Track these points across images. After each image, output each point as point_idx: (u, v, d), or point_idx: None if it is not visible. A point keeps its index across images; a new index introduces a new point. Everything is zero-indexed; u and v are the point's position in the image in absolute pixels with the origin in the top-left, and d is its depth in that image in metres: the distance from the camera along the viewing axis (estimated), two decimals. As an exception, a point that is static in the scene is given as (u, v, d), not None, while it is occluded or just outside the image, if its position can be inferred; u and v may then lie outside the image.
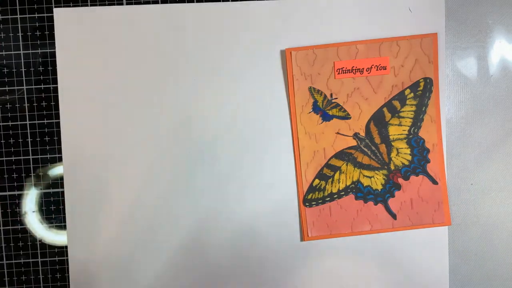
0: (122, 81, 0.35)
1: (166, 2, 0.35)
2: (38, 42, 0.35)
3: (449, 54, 0.36)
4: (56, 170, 0.36)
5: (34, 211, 0.36)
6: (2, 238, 0.36)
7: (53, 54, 0.35)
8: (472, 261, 0.36)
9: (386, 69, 0.35)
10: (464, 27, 0.36)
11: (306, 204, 0.35)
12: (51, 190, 0.36)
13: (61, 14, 0.34)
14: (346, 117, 0.35)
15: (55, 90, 0.35)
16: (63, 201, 0.35)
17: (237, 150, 0.35)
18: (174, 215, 0.35)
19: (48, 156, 0.35)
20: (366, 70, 0.35)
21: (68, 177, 0.35)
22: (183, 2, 0.35)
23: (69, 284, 0.36)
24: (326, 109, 0.34)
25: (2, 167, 0.36)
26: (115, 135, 0.35)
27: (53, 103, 0.35)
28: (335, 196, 0.35)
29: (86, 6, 0.35)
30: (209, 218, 0.35)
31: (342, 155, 0.35)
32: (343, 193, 0.35)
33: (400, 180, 0.36)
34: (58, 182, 0.35)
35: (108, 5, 0.35)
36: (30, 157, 0.35)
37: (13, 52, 0.35)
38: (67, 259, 0.36)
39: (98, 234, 0.35)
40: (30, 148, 0.35)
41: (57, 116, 0.35)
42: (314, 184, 0.35)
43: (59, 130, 0.35)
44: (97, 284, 0.35)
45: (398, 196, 0.35)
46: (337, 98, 0.35)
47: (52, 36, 0.35)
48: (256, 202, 0.35)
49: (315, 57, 0.34)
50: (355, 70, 0.35)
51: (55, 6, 0.35)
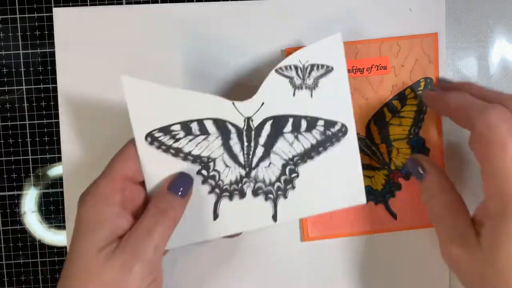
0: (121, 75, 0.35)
1: (165, 2, 0.35)
2: (38, 42, 0.35)
3: (449, 54, 0.36)
4: (55, 170, 0.35)
5: (33, 211, 0.36)
6: (1, 238, 0.36)
7: (52, 54, 0.35)
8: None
9: (386, 69, 0.35)
10: (464, 27, 0.36)
11: None
12: (51, 190, 0.36)
13: (60, 14, 0.34)
14: None
15: (55, 90, 0.35)
16: (63, 201, 0.35)
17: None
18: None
19: (47, 156, 0.35)
20: (366, 70, 0.35)
21: (67, 177, 0.35)
22: (183, 1, 0.35)
23: (68, 284, 0.36)
24: None
25: (2, 167, 0.35)
26: (115, 135, 0.35)
27: (52, 103, 0.35)
28: None
29: (86, 5, 0.35)
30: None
31: None
32: None
33: (400, 180, 0.35)
34: (58, 182, 0.35)
35: (107, 4, 0.35)
36: (30, 157, 0.35)
37: (12, 52, 0.35)
38: (67, 259, 0.36)
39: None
40: (29, 148, 0.35)
41: (56, 116, 0.35)
42: None
43: (59, 130, 0.35)
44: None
45: (398, 196, 0.35)
46: None
47: (51, 36, 0.35)
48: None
49: None
50: (355, 70, 0.35)
51: (55, 6, 0.35)
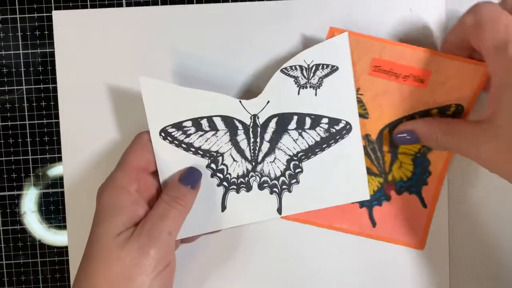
0: (121, 82, 0.35)
1: (166, 3, 0.35)
2: (38, 42, 0.35)
3: (450, 55, 0.36)
4: (55, 170, 0.36)
5: (33, 211, 0.36)
6: (1, 238, 0.36)
7: (52, 54, 0.35)
8: (472, 261, 0.36)
9: (423, 82, 0.33)
10: (465, 28, 0.36)
11: None
12: (51, 190, 0.36)
13: (60, 16, 0.34)
14: (364, 116, 0.34)
15: (55, 90, 0.35)
16: (63, 201, 0.35)
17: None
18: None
19: (47, 156, 0.35)
20: (403, 78, 0.33)
21: (68, 177, 0.35)
22: (183, 3, 0.35)
23: (69, 284, 0.36)
24: None
25: (2, 167, 0.35)
26: (115, 135, 0.35)
27: (52, 103, 0.35)
28: None
29: (86, 7, 0.35)
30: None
31: None
32: None
33: (392, 192, 0.35)
34: (58, 182, 0.35)
35: (107, 5, 0.35)
36: (30, 157, 0.35)
37: (12, 52, 0.35)
38: (67, 259, 0.36)
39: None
40: (29, 148, 0.35)
41: (56, 116, 0.35)
42: None
43: (59, 130, 0.35)
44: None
45: (384, 206, 0.35)
46: (362, 95, 0.34)
47: (51, 36, 0.35)
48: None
49: (357, 45, 0.32)
50: (392, 73, 0.33)
51: (55, 8, 0.35)
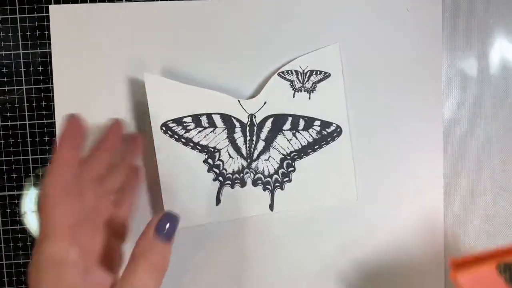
0: (120, 80, 0.35)
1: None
2: (37, 42, 0.35)
3: (449, 54, 0.36)
4: (55, 170, 0.35)
5: (33, 211, 0.36)
6: (1, 238, 0.36)
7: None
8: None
9: None
10: (464, 27, 0.36)
11: None
12: (51, 190, 0.36)
13: (57, 11, 0.34)
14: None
15: (55, 90, 0.35)
16: (63, 201, 0.35)
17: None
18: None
19: (47, 156, 0.35)
20: None
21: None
22: None
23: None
24: None
25: (2, 167, 0.35)
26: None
27: (52, 103, 0.35)
28: None
29: (85, 3, 0.35)
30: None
31: None
32: None
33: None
34: (58, 182, 0.35)
35: (108, 1, 0.35)
36: (30, 157, 0.35)
37: (12, 52, 0.35)
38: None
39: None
40: (29, 148, 0.35)
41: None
42: None
43: (59, 130, 0.35)
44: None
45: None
46: None
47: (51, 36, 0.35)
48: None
49: None
50: None
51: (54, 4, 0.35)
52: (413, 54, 0.35)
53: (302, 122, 0.35)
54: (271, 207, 0.35)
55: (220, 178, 0.34)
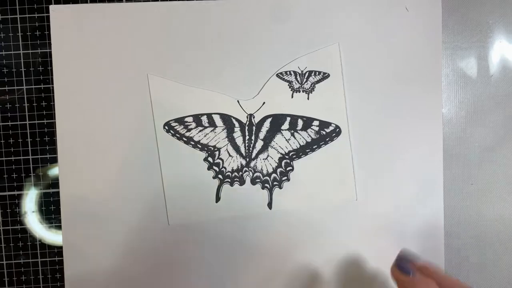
0: (119, 79, 0.35)
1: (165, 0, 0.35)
2: (38, 42, 0.35)
3: (449, 54, 0.36)
4: (55, 170, 0.35)
5: (33, 211, 0.36)
6: (1, 238, 0.36)
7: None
8: (471, 262, 0.36)
9: None
10: (464, 27, 0.36)
11: None
12: (51, 190, 0.36)
13: (57, 11, 0.34)
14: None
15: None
16: (63, 201, 0.35)
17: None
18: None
19: (47, 156, 0.35)
20: None
21: (63, 177, 0.35)
22: None
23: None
24: None
25: (2, 167, 0.35)
26: (113, 135, 0.35)
27: (52, 103, 0.35)
28: None
29: (86, 3, 0.35)
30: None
31: None
32: None
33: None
34: (58, 182, 0.35)
35: (108, 1, 0.35)
36: (30, 157, 0.35)
37: (12, 52, 0.35)
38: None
39: (94, 234, 0.35)
40: (29, 148, 0.35)
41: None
42: None
43: (59, 130, 0.35)
44: (92, 285, 0.35)
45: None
46: None
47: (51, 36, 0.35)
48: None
49: None
50: None
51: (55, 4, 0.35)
52: (413, 54, 0.35)
53: (300, 122, 0.35)
54: (270, 206, 0.35)
55: (219, 176, 0.35)
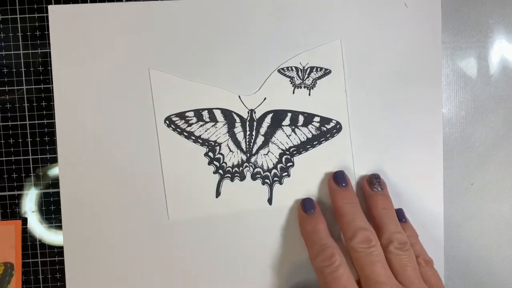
0: (119, 79, 0.35)
1: None
2: (38, 42, 0.35)
3: (449, 54, 0.36)
4: (55, 170, 0.35)
5: (33, 211, 0.36)
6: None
7: (52, 54, 0.35)
8: (471, 261, 0.36)
9: None
10: (464, 27, 0.36)
11: None
12: (51, 190, 0.36)
13: (56, 11, 0.34)
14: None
15: (55, 90, 0.35)
16: (63, 201, 0.35)
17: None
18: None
19: (47, 156, 0.35)
20: None
21: (63, 177, 0.35)
22: None
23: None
24: None
25: (2, 167, 0.35)
26: (112, 135, 0.35)
27: (52, 103, 0.35)
28: None
29: (86, 3, 0.35)
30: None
31: None
32: None
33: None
34: (58, 182, 0.35)
35: (108, 1, 0.35)
36: (30, 157, 0.35)
37: (12, 52, 0.35)
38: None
39: (95, 235, 0.35)
40: (29, 148, 0.35)
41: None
42: None
43: (59, 130, 0.35)
44: (93, 285, 0.35)
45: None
46: None
47: (51, 36, 0.35)
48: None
49: None
50: None
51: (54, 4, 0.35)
52: (413, 52, 0.35)
53: (301, 118, 0.35)
54: (270, 201, 0.35)
55: (220, 171, 0.35)
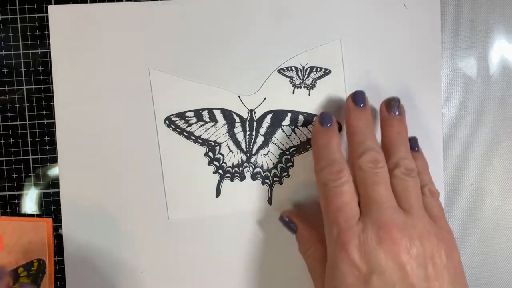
0: (119, 79, 0.35)
1: None
2: (38, 42, 0.35)
3: (449, 54, 0.36)
4: (55, 170, 0.35)
5: (33, 211, 0.36)
6: (1, 238, 0.36)
7: (52, 54, 0.35)
8: (471, 261, 0.36)
9: None
10: (464, 27, 0.36)
11: None
12: (51, 190, 0.36)
13: (56, 12, 0.34)
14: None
15: (55, 90, 0.35)
16: (63, 201, 0.35)
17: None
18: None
19: (47, 156, 0.35)
20: None
21: (64, 177, 0.35)
22: None
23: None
24: None
25: (2, 167, 0.35)
26: (112, 135, 0.35)
27: (52, 103, 0.35)
28: None
29: (86, 3, 0.35)
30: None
31: None
32: None
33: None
34: (58, 182, 0.35)
35: (108, 1, 0.35)
36: (30, 157, 0.35)
37: (12, 52, 0.35)
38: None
39: (94, 234, 0.35)
40: (29, 148, 0.35)
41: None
42: None
43: (59, 130, 0.35)
44: (93, 285, 0.35)
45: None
46: None
47: (51, 36, 0.35)
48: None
49: None
50: None
51: (54, 5, 0.35)
52: (412, 53, 0.35)
53: (301, 118, 0.35)
54: (270, 201, 0.35)
55: (220, 171, 0.35)
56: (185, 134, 0.35)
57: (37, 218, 0.35)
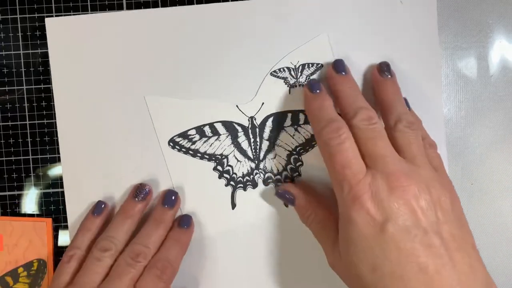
0: (118, 83, 0.35)
1: (166, 5, 0.35)
2: (38, 42, 0.35)
3: (449, 54, 0.36)
4: (56, 170, 0.36)
5: (33, 211, 0.36)
6: (2, 238, 0.36)
7: (52, 54, 0.35)
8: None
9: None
10: (464, 27, 0.36)
11: None
12: (51, 190, 0.36)
13: (53, 24, 0.34)
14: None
15: (55, 90, 0.35)
16: (63, 201, 0.35)
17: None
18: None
19: (48, 156, 0.35)
20: None
21: (67, 177, 0.35)
22: (183, 4, 0.35)
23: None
24: None
25: (2, 167, 0.35)
26: (113, 134, 0.35)
27: (52, 103, 0.35)
28: None
29: (86, 7, 0.35)
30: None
31: None
32: None
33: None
34: (58, 182, 0.35)
35: (108, 6, 0.35)
36: (30, 157, 0.35)
37: (13, 52, 0.35)
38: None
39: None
40: (29, 148, 0.35)
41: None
42: None
43: (59, 130, 0.35)
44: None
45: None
46: None
47: (51, 36, 0.35)
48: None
49: None
50: None
51: (56, 8, 0.35)
52: (412, 53, 0.35)
53: (302, 116, 0.35)
54: (286, 204, 0.35)
55: (231, 183, 0.35)
56: (190, 152, 0.35)
57: (37, 218, 0.35)
